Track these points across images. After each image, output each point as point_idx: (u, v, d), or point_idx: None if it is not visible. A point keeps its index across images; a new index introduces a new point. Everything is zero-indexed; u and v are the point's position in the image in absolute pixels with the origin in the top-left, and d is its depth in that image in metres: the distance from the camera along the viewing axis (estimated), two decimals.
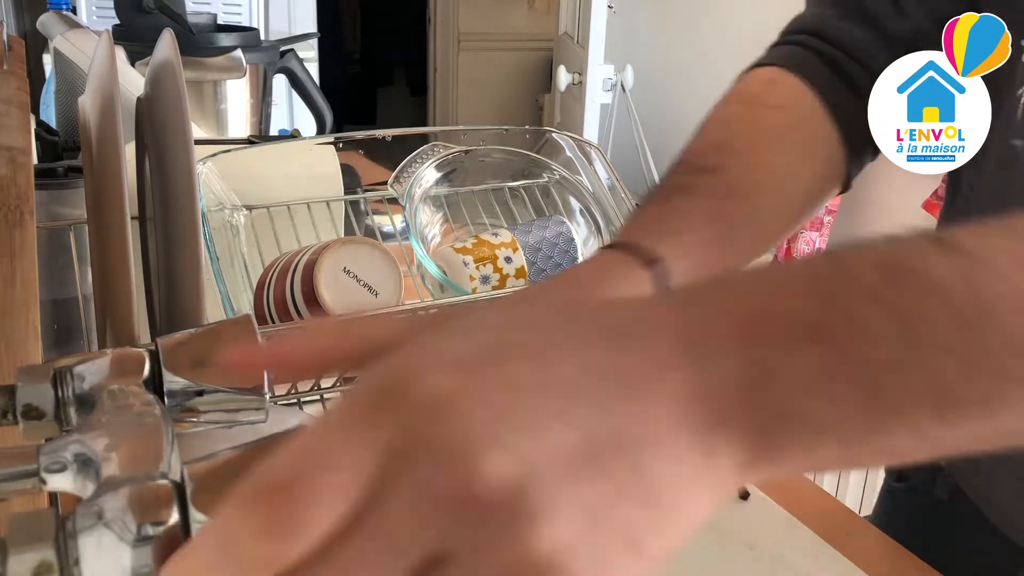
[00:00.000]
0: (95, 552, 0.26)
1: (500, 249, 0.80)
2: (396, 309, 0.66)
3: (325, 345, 0.31)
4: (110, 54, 0.48)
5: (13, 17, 2.27)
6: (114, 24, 1.49)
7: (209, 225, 0.73)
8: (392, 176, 0.84)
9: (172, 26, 1.33)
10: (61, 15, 1.36)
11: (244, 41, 1.50)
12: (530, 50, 4.03)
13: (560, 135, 0.90)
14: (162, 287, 0.46)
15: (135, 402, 0.33)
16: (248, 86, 1.50)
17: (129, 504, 0.26)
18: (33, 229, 0.46)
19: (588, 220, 0.87)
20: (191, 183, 0.44)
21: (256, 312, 0.73)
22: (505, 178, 0.89)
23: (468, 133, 0.88)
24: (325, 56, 2.53)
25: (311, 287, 0.68)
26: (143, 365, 0.36)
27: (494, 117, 3.91)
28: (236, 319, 0.38)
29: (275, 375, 0.37)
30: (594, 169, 0.88)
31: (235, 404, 0.37)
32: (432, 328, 0.28)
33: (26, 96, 0.60)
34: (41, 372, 0.35)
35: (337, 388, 0.77)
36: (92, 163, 0.48)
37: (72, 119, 1.14)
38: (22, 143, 0.46)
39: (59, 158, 0.85)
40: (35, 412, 0.34)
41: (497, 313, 0.29)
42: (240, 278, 0.76)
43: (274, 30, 2.40)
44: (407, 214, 0.80)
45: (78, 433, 0.30)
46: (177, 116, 0.45)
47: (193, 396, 0.36)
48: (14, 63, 0.67)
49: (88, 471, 0.29)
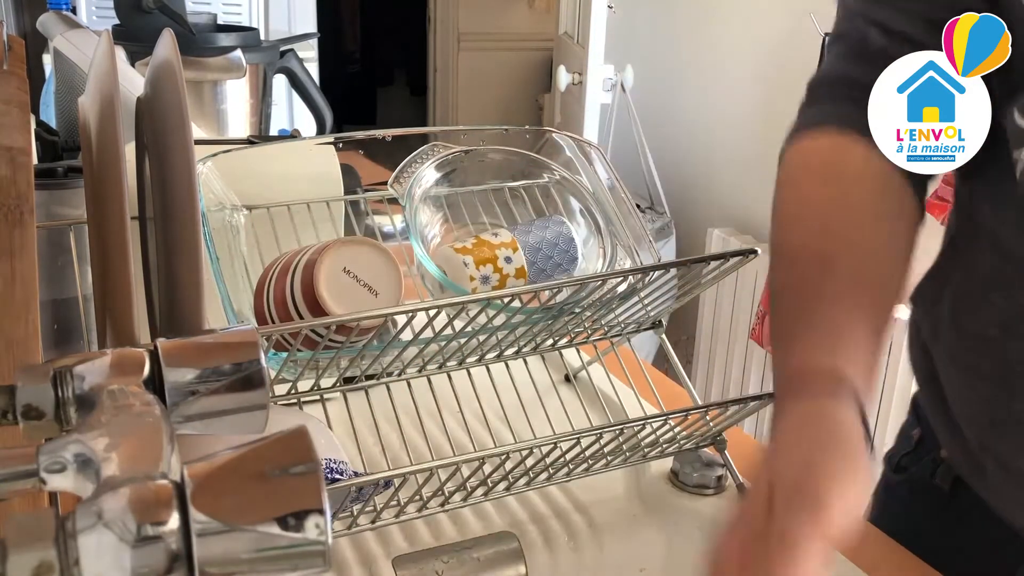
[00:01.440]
0: (95, 552, 0.26)
1: (500, 249, 0.80)
2: (396, 309, 0.66)
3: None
4: (110, 54, 0.48)
5: (13, 17, 2.27)
6: (114, 24, 1.49)
7: (209, 225, 0.73)
8: (392, 176, 0.84)
9: (172, 26, 1.33)
10: (61, 15, 1.36)
11: (244, 41, 1.50)
12: (530, 50, 4.03)
13: (560, 135, 0.90)
14: (162, 287, 0.46)
15: (135, 402, 0.33)
16: (248, 86, 1.50)
17: (129, 504, 0.26)
18: (33, 229, 0.46)
19: (588, 220, 0.87)
20: (191, 183, 0.44)
21: (256, 312, 0.73)
22: (505, 178, 0.89)
23: (468, 133, 0.88)
24: (325, 56, 2.53)
25: (311, 287, 0.68)
26: (143, 365, 0.36)
27: (494, 117, 3.91)
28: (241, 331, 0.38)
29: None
30: (594, 169, 0.88)
31: (235, 404, 0.37)
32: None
33: (26, 96, 0.60)
34: (41, 372, 0.35)
35: (337, 388, 0.77)
36: (92, 163, 0.47)
37: (72, 119, 1.14)
38: (22, 143, 0.46)
39: (59, 158, 0.85)
40: (35, 412, 0.34)
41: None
42: (240, 278, 0.76)
43: (274, 30, 2.40)
44: (407, 214, 0.80)
45: (78, 433, 0.30)
46: (177, 116, 0.45)
47: (193, 396, 0.36)
48: (14, 63, 0.67)
49: (88, 471, 0.29)
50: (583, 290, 0.74)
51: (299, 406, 0.78)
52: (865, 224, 0.62)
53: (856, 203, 0.62)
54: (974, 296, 0.70)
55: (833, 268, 0.60)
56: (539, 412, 0.80)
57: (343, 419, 0.75)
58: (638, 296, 0.77)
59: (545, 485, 0.79)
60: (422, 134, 0.88)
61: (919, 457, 0.82)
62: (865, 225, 0.62)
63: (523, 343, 0.81)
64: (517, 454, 0.73)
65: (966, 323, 0.71)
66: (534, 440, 0.72)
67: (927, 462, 0.81)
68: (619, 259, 0.84)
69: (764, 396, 0.75)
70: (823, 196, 0.63)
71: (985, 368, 0.69)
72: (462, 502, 0.75)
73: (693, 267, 0.75)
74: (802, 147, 0.65)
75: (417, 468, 0.69)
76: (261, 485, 0.28)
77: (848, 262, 0.60)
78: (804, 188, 0.64)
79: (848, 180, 0.62)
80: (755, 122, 2.40)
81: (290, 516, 0.27)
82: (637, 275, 0.74)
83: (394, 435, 0.79)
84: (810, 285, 0.60)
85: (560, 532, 0.77)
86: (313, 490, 0.27)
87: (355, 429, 0.75)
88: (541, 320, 0.75)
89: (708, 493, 0.83)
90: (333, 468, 0.68)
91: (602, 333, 0.86)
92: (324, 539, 0.27)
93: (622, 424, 0.74)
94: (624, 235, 0.84)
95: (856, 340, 0.57)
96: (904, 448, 0.85)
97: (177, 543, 0.26)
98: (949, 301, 0.73)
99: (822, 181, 0.63)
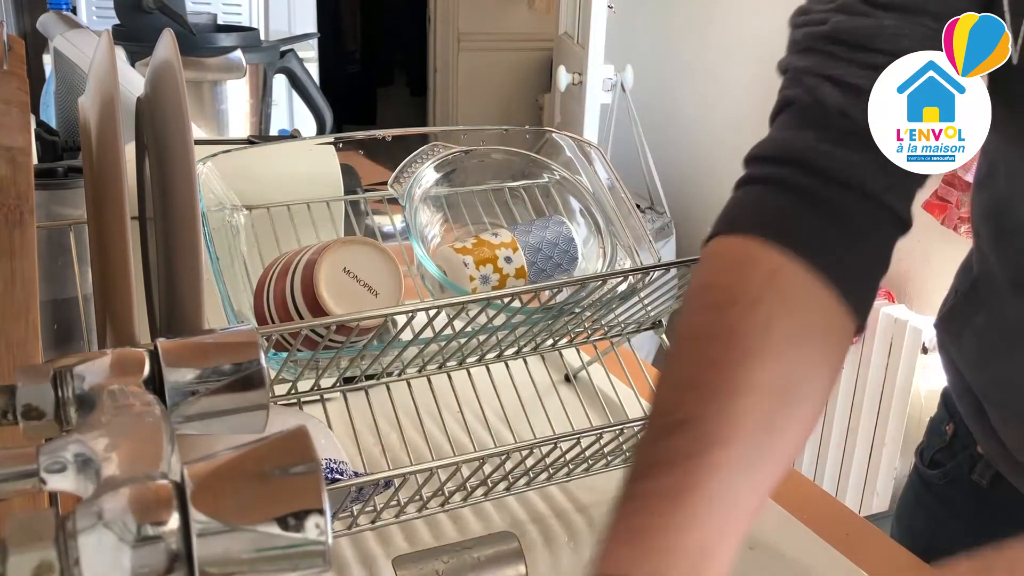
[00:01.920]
0: (95, 552, 0.26)
1: (500, 249, 0.80)
2: (396, 309, 0.66)
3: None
4: (110, 54, 0.48)
5: (13, 17, 2.27)
6: (114, 24, 1.49)
7: (209, 225, 0.73)
8: (392, 176, 0.84)
9: (172, 26, 1.33)
10: (61, 15, 1.36)
11: (244, 41, 1.50)
12: (530, 50, 4.02)
13: (560, 135, 0.90)
14: (162, 287, 0.46)
15: (135, 402, 0.33)
16: (248, 86, 1.50)
17: (129, 504, 0.26)
18: (33, 229, 0.46)
19: (588, 220, 0.87)
20: (191, 183, 0.44)
21: (256, 312, 0.73)
22: (505, 178, 0.89)
23: (468, 133, 0.88)
24: (325, 56, 2.53)
25: (311, 287, 0.68)
26: (143, 365, 0.36)
27: (494, 117, 3.91)
28: (240, 331, 0.38)
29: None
30: (594, 169, 0.88)
31: (235, 404, 0.37)
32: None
33: (26, 96, 0.60)
34: (41, 372, 0.35)
35: (337, 388, 0.77)
36: (92, 163, 0.47)
37: (72, 119, 1.14)
38: (22, 143, 0.46)
39: (59, 158, 0.85)
40: (35, 412, 0.34)
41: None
42: (240, 278, 0.76)
43: (274, 30, 2.40)
44: (407, 214, 0.80)
45: (78, 433, 0.30)
46: (177, 116, 0.45)
47: (193, 396, 0.36)
48: (14, 63, 0.67)
49: (88, 471, 0.29)
50: (583, 290, 0.74)
51: (299, 406, 0.78)
52: (750, 364, 0.51)
53: (744, 342, 0.52)
54: (1000, 343, 0.70)
55: (695, 421, 0.50)
56: (539, 412, 0.80)
57: (343, 419, 0.75)
58: (638, 296, 0.77)
59: (545, 485, 0.79)
60: (422, 134, 0.88)
61: (954, 453, 0.82)
62: (750, 365, 0.51)
63: (523, 343, 0.81)
64: (517, 454, 0.73)
65: (995, 366, 0.71)
66: (534, 440, 0.72)
67: (964, 457, 0.81)
68: (619, 259, 0.84)
69: None
70: (706, 327, 0.54)
71: (1019, 408, 0.69)
72: (462, 502, 0.75)
73: (693, 267, 0.75)
74: (710, 254, 0.58)
75: (417, 468, 0.69)
76: (261, 485, 0.28)
77: (711, 413, 0.50)
78: (694, 316, 0.55)
79: (741, 305, 0.53)
80: (755, 122, 2.39)
81: (290, 516, 0.27)
82: (637, 275, 0.74)
83: (394, 435, 0.79)
84: (665, 438, 0.50)
85: (560, 532, 0.77)
86: (313, 490, 0.27)
87: (355, 429, 0.75)
88: (541, 320, 0.75)
89: None
90: (333, 468, 0.68)
91: (602, 333, 0.86)
92: (324, 539, 0.27)
93: (622, 424, 0.74)
94: (624, 235, 0.84)
95: (677, 529, 0.46)
96: (937, 443, 0.85)
97: (177, 543, 0.26)
98: (974, 339, 0.73)
99: (709, 307, 0.55)
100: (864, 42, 0.56)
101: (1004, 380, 0.70)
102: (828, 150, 0.56)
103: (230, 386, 0.37)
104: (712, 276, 0.57)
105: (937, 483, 0.84)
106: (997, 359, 0.70)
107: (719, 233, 0.58)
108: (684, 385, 0.52)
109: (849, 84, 0.56)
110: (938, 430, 0.85)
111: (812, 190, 0.56)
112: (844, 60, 0.56)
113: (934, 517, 0.82)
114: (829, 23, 0.57)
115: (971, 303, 0.74)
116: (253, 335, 0.38)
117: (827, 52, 0.57)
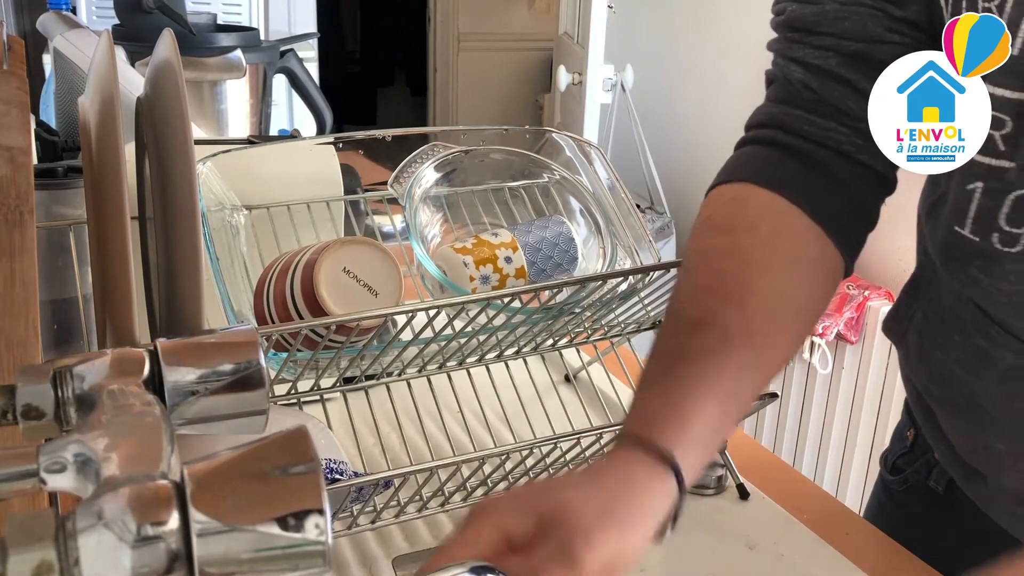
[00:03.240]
0: (95, 552, 0.26)
1: (500, 249, 0.80)
2: (396, 309, 0.66)
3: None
4: (110, 54, 0.48)
5: (13, 17, 2.27)
6: (114, 24, 1.49)
7: (209, 225, 0.73)
8: (392, 176, 0.84)
9: (172, 26, 1.33)
10: (61, 15, 1.36)
11: (244, 41, 1.50)
12: (530, 50, 4.02)
13: (560, 135, 0.90)
14: (162, 287, 0.46)
15: (135, 402, 0.33)
16: (248, 86, 1.50)
17: (129, 504, 0.26)
18: (33, 229, 0.46)
19: (588, 220, 0.87)
20: (191, 183, 0.44)
21: (256, 312, 0.73)
22: (505, 178, 0.89)
23: (468, 133, 0.88)
24: (325, 56, 2.53)
25: (311, 287, 0.68)
26: (143, 365, 0.36)
27: (494, 117, 3.91)
28: (240, 331, 0.38)
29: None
30: (594, 169, 0.88)
31: (235, 404, 0.37)
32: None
33: (26, 96, 0.60)
34: (41, 372, 0.35)
35: (337, 388, 0.77)
36: (92, 163, 0.47)
37: (72, 119, 1.14)
38: (22, 143, 0.46)
39: (59, 158, 0.85)
40: (35, 412, 0.34)
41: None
42: (240, 278, 0.76)
43: (274, 30, 2.40)
44: (407, 214, 0.80)
45: (78, 433, 0.30)
46: (177, 116, 0.45)
47: (193, 396, 0.36)
48: (14, 63, 0.67)
49: (88, 471, 0.29)
50: (583, 290, 0.74)
51: (299, 406, 0.78)
52: (748, 276, 0.61)
53: (746, 255, 0.61)
54: (936, 335, 0.71)
55: (705, 329, 0.59)
56: (539, 412, 0.80)
57: (343, 419, 0.75)
58: (638, 296, 0.77)
59: None
60: (422, 134, 0.88)
61: (914, 459, 0.82)
62: (747, 277, 0.61)
63: (523, 343, 0.81)
64: (517, 454, 0.73)
65: (933, 359, 0.72)
66: (534, 440, 0.72)
67: (922, 464, 0.81)
68: (619, 259, 0.84)
69: (764, 396, 0.75)
70: (712, 247, 0.63)
71: (957, 401, 0.70)
72: (462, 502, 0.75)
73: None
74: (712, 200, 0.67)
75: (417, 468, 0.69)
76: (261, 485, 0.28)
77: (721, 324, 0.59)
78: (701, 240, 0.64)
79: (741, 230, 0.63)
80: None
81: (290, 516, 0.27)
82: (637, 275, 0.74)
83: (394, 435, 0.79)
84: (674, 344, 0.60)
85: None
86: (313, 490, 0.27)
87: (355, 429, 0.75)
88: (541, 320, 0.75)
89: (708, 493, 0.83)
90: (333, 468, 0.68)
91: (602, 333, 0.86)
92: (324, 539, 0.27)
93: (622, 424, 0.74)
94: (624, 235, 0.84)
95: (697, 414, 0.56)
96: (899, 449, 0.85)
97: (177, 543, 0.26)
98: (915, 336, 0.74)
99: (716, 231, 0.64)
100: (811, 27, 0.63)
101: (943, 373, 0.70)
102: (802, 115, 0.64)
103: (230, 386, 0.37)
104: (713, 210, 0.66)
105: (897, 489, 0.84)
106: (936, 352, 0.71)
107: (717, 184, 0.67)
108: (700, 289, 0.61)
109: (808, 63, 0.64)
110: (901, 436, 0.86)
111: (795, 146, 0.64)
112: (800, 44, 0.64)
113: (893, 523, 0.82)
114: (786, 12, 0.65)
115: (912, 299, 0.75)
116: (253, 335, 0.38)
117: (788, 38, 0.66)
